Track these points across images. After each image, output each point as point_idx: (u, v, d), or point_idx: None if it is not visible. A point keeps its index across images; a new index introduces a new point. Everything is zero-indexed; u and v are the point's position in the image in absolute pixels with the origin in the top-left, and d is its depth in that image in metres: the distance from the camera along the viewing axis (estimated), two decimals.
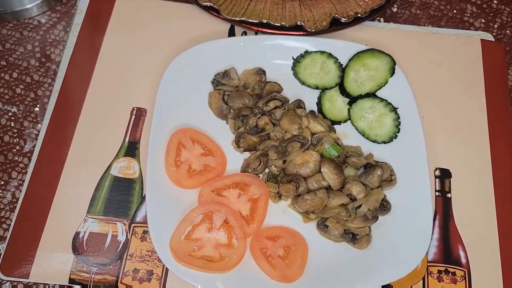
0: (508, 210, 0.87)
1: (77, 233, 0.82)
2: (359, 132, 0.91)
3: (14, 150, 0.91)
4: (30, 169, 0.86)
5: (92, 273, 0.80)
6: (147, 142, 0.85)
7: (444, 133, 0.94)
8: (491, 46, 1.02)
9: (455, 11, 1.09)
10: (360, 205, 0.81)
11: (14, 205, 0.86)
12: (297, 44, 0.95)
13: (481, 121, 0.95)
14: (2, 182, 0.88)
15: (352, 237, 0.81)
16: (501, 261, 0.84)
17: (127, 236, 0.83)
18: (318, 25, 0.96)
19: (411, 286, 0.81)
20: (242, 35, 1.01)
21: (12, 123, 0.93)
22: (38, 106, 0.94)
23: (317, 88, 0.94)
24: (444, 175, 0.90)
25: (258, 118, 0.87)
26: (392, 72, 0.91)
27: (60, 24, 1.02)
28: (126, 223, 0.83)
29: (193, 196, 0.83)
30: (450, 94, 0.97)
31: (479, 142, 0.93)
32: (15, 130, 0.92)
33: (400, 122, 0.89)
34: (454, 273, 0.83)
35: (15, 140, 0.91)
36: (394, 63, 0.91)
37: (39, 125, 0.92)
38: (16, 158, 0.90)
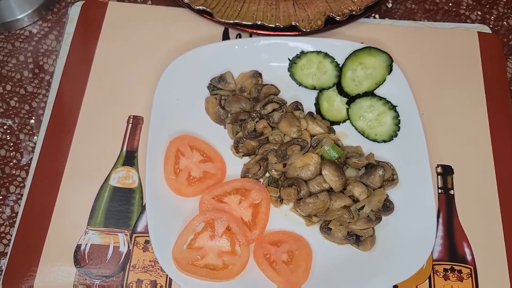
0: None
1: (79, 246, 0.81)
2: (359, 132, 0.90)
3: (11, 163, 0.90)
4: (28, 183, 0.85)
5: (95, 286, 0.79)
6: (145, 151, 0.84)
7: (444, 129, 0.93)
8: (489, 39, 1.01)
9: (450, 4, 1.08)
10: (363, 206, 0.80)
11: (14, 219, 0.85)
12: (293, 44, 0.93)
13: (481, 114, 0.94)
14: (0, 197, 0.87)
15: (356, 239, 0.80)
16: (507, 256, 0.83)
17: (129, 246, 0.82)
18: (313, 25, 0.95)
19: (417, 286, 0.81)
20: (236, 37, 0.99)
21: (8, 136, 0.92)
22: (34, 118, 0.93)
23: (314, 88, 0.93)
24: (446, 172, 0.89)
25: (256, 122, 0.86)
26: (390, 69, 0.90)
27: (52, 33, 1.01)
28: (128, 233, 0.83)
29: (194, 204, 0.82)
30: (449, 89, 0.96)
31: (480, 136, 0.92)
32: (11, 144, 0.91)
33: (399, 120, 0.88)
34: (460, 271, 0.82)
35: (11, 154, 0.90)
36: (392, 61, 0.90)
37: (35, 137, 0.91)
38: (14, 172, 0.89)
